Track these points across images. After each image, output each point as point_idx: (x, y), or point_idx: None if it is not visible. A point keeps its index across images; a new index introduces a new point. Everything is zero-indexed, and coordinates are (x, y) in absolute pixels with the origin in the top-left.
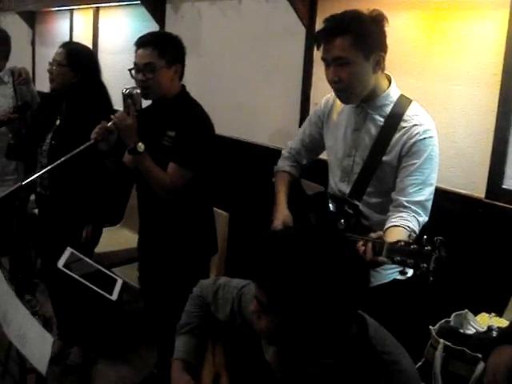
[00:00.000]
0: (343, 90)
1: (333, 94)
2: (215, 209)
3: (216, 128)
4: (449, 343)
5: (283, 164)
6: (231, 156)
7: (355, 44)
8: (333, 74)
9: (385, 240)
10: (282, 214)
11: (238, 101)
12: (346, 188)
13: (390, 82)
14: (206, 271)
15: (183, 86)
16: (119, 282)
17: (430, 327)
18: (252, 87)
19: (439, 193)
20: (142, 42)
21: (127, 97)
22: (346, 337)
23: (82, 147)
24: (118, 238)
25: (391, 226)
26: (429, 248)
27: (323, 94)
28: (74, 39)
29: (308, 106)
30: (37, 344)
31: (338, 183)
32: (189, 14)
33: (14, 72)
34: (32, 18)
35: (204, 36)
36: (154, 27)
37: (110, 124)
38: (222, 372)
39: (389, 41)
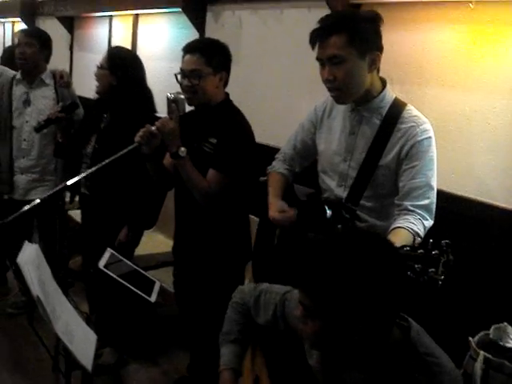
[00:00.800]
0: (338, 89)
1: (325, 99)
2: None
3: (255, 136)
4: (489, 355)
5: (278, 166)
6: (267, 163)
7: (350, 42)
8: (328, 73)
9: None
10: (277, 204)
11: (277, 109)
12: (342, 193)
13: (383, 85)
14: (241, 277)
15: (227, 94)
16: (157, 285)
17: (470, 339)
18: (292, 96)
19: (478, 207)
20: (190, 48)
21: (172, 102)
22: (388, 339)
23: (125, 150)
24: (152, 241)
25: (395, 228)
26: (436, 252)
27: None
28: (113, 45)
29: None
30: (82, 341)
31: (335, 188)
32: (229, 22)
33: (55, 74)
34: (71, 23)
35: (244, 45)
36: (193, 35)
37: (153, 128)
38: (263, 376)
39: (434, 54)
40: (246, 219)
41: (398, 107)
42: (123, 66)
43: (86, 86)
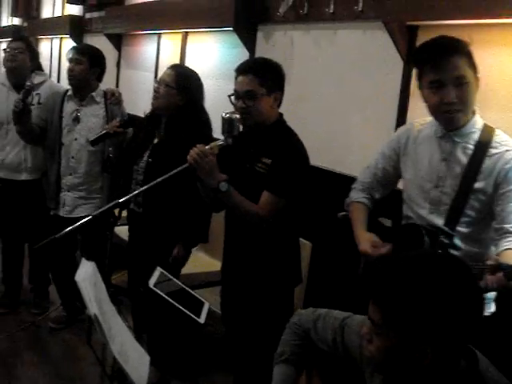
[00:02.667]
0: (459, 111)
1: (407, 126)
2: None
3: None
4: None
5: (357, 196)
6: (318, 185)
7: (469, 64)
8: (451, 94)
9: None
10: (366, 237)
11: (329, 131)
12: (437, 219)
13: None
14: (290, 301)
15: (281, 114)
16: (206, 305)
17: None
18: (344, 118)
19: None
20: (243, 69)
21: (226, 121)
22: (454, 369)
23: (178, 169)
24: (196, 260)
25: (504, 250)
26: None
27: None
28: (161, 63)
29: None
30: (136, 362)
31: (427, 216)
32: (280, 42)
33: (107, 93)
34: (119, 40)
35: (296, 65)
36: (243, 54)
37: (207, 147)
38: None
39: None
40: (296, 242)
41: (488, 132)
42: (190, 87)
43: (132, 102)
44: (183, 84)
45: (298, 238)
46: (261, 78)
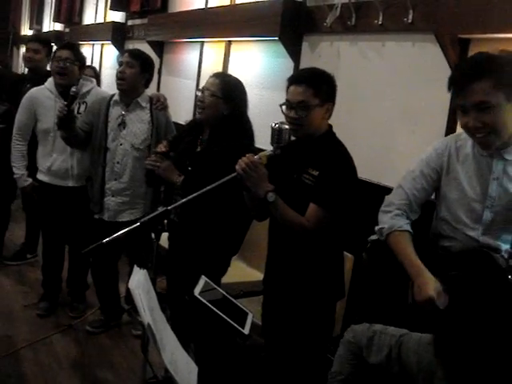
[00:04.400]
0: (487, 135)
1: (445, 142)
2: None
3: None
4: None
5: (399, 223)
6: (363, 198)
7: (496, 86)
8: (474, 120)
9: None
10: (433, 283)
11: (375, 144)
12: (491, 241)
13: None
14: (332, 316)
15: (330, 126)
16: (250, 316)
17: None
18: (390, 131)
19: None
20: (297, 79)
21: (276, 131)
22: None
23: (225, 179)
24: (235, 270)
25: None
26: None
27: None
28: (203, 71)
29: None
30: (185, 371)
31: (480, 237)
32: (326, 53)
33: (153, 98)
34: (161, 48)
35: (341, 76)
36: (288, 64)
37: (256, 157)
38: None
39: None
40: (340, 255)
41: None
42: (236, 96)
43: (173, 110)
44: (229, 93)
45: (342, 251)
46: (315, 88)
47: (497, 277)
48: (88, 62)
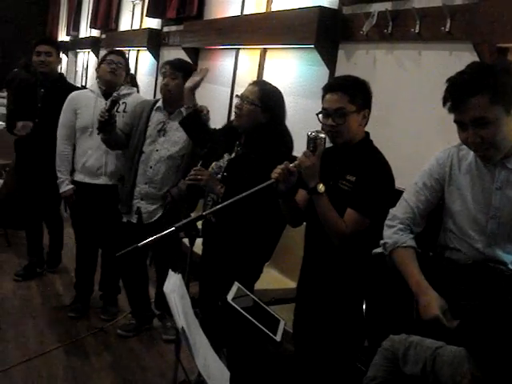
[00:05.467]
0: (487, 149)
1: (447, 152)
2: None
3: None
4: None
5: (403, 238)
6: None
7: (493, 100)
8: (473, 136)
9: None
10: (438, 302)
11: (409, 153)
12: (497, 252)
13: None
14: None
15: (367, 133)
16: (282, 323)
17: None
18: (426, 141)
19: None
20: (333, 87)
21: (312, 140)
22: None
23: (261, 185)
24: (266, 277)
25: None
26: None
27: None
28: (238, 78)
29: None
30: (218, 376)
31: (485, 249)
32: (362, 61)
33: None
34: (196, 54)
35: (377, 84)
36: (324, 72)
37: (292, 165)
38: None
39: None
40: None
41: None
42: (274, 104)
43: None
44: (267, 102)
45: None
46: (351, 95)
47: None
48: None
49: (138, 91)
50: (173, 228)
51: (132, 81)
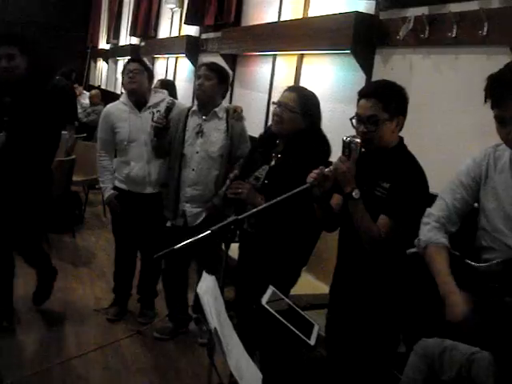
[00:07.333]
0: None
1: (484, 152)
2: None
3: None
4: None
5: (436, 236)
6: None
7: None
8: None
9: None
10: (459, 301)
11: (445, 158)
12: None
13: None
14: (397, 332)
15: (401, 138)
16: (316, 328)
17: None
18: (463, 145)
19: None
20: (367, 93)
21: (347, 145)
22: None
23: (296, 190)
24: (301, 281)
25: None
26: None
27: None
28: (275, 84)
29: None
30: (250, 378)
31: None
32: (399, 66)
33: (229, 109)
34: (233, 60)
35: (414, 89)
36: (360, 77)
37: (327, 170)
38: None
39: None
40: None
41: None
42: (314, 111)
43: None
44: (306, 108)
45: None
46: (384, 102)
47: None
48: (162, 75)
49: (171, 95)
50: (209, 231)
51: (166, 86)
